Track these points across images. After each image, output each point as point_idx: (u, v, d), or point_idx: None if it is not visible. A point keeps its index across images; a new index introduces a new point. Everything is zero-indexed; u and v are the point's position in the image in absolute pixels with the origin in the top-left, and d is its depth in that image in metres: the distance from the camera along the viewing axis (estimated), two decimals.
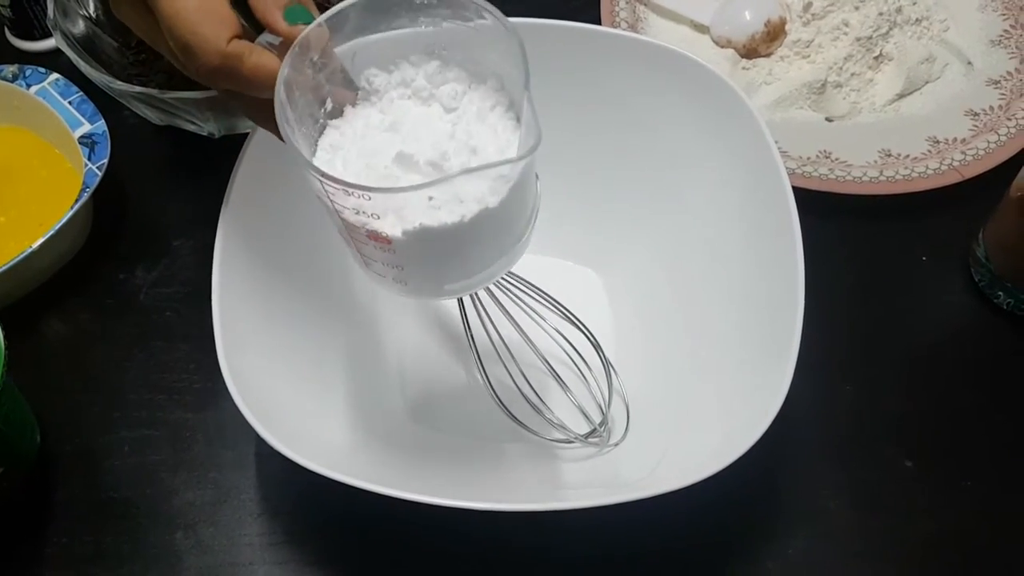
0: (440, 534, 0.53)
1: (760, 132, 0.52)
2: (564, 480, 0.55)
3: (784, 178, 0.51)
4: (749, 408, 0.47)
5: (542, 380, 0.56)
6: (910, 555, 0.53)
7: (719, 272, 0.56)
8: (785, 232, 0.50)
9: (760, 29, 0.72)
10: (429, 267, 0.44)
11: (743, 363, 0.52)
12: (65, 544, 0.54)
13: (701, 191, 0.57)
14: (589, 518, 0.44)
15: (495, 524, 0.50)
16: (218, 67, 0.41)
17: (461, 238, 0.41)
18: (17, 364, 0.51)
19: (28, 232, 0.60)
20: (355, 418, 0.55)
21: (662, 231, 0.59)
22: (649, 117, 0.57)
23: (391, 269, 0.44)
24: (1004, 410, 0.59)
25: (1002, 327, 0.62)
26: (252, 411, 0.46)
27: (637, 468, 0.51)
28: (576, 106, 0.57)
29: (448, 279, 0.45)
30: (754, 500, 0.55)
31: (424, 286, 0.46)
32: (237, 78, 0.42)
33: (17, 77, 0.66)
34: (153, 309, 0.63)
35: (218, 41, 0.41)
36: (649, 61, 0.55)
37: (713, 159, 0.56)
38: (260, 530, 0.54)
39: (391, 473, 0.51)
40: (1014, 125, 0.67)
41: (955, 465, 0.56)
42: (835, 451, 0.57)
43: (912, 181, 0.65)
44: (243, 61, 0.41)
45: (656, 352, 0.58)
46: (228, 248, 0.50)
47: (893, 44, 0.72)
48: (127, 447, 0.57)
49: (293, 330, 0.54)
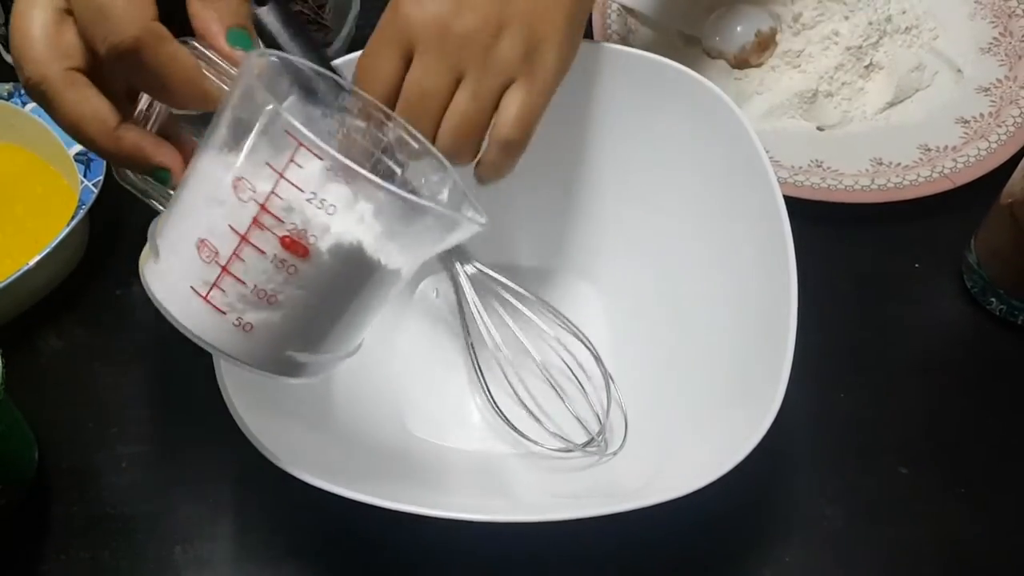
0: (439, 545, 0.53)
1: (751, 143, 0.52)
2: (562, 490, 0.55)
3: (776, 188, 0.51)
4: (745, 417, 0.47)
5: (541, 389, 0.56)
6: (905, 562, 0.54)
7: (713, 282, 0.56)
8: (777, 242, 0.50)
9: (751, 40, 0.73)
10: (308, 310, 0.38)
11: (738, 372, 0.52)
12: (63, 560, 0.54)
13: (693, 201, 0.57)
14: (586, 528, 0.44)
15: (493, 535, 0.50)
16: (134, 42, 0.36)
17: (371, 280, 0.38)
18: (14, 381, 0.51)
19: (25, 250, 0.61)
20: (353, 429, 0.55)
21: (655, 241, 0.60)
22: (641, 128, 0.58)
23: (253, 303, 0.37)
24: (998, 416, 0.59)
25: (995, 333, 0.62)
26: (252, 425, 0.46)
27: (633, 478, 0.51)
28: (568, 117, 0.57)
29: (305, 339, 0.38)
30: (750, 508, 0.55)
31: (273, 342, 0.38)
32: (149, 64, 0.37)
33: (12, 95, 0.66)
34: (149, 325, 0.63)
35: (142, 11, 0.37)
36: (641, 73, 0.56)
37: (705, 170, 0.56)
38: (258, 545, 0.54)
39: (389, 485, 0.51)
40: (1004, 132, 0.68)
41: (949, 471, 0.57)
42: (830, 459, 0.57)
43: (903, 189, 0.65)
44: (163, 45, 0.37)
45: (651, 361, 0.58)
46: None
47: (883, 53, 0.72)
48: (125, 463, 0.57)
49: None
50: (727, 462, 0.44)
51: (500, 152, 0.48)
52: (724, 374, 0.53)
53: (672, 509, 0.43)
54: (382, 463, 0.54)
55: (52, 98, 0.38)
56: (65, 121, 0.39)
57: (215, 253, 0.36)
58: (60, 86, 0.38)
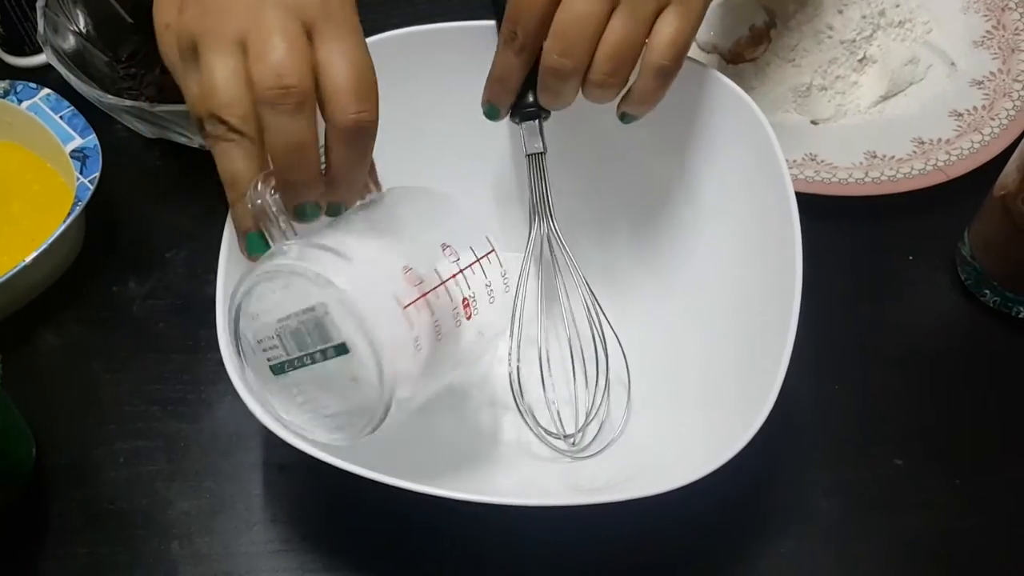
0: (437, 535, 0.53)
1: (766, 136, 0.53)
2: (563, 479, 0.55)
3: (787, 181, 0.51)
4: (741, 409, 0.48)
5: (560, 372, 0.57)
6: (901, 554, 0.54)
7: (716, 275, 0.56)
8: (786, 235, 0.50)
9: (744, 34, 0.73)
10: (434, 364, 0.44)
11: (736, 364, 0.52)
12: (61, 556, 0.54)
13: (702, 191, 0.58)
14: (583, 517, 0.44)
15: (494, 521, 0.51)
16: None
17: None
18: (12, 378, 0.51)
19: (21, 247, 0.61)
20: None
21: (665, 233, 0.60)
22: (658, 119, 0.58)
23: (427, 333, 0.43)
24: (993, 408, 0.59)
25: (989, 325, 0.62)
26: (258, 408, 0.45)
27: (629, 469, 0.52)
28: (584, 111, 0.58)
29: (415, 386, 0.44)
30: (746, 500, 0.55)
31: (410, 375, 0.43)
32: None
33: (8, 93, 0.66)
34: (146, 321, 0.63)
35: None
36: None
37: (718, 163, 0.56)
38: (256, 539, 0.54)
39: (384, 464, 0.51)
40: (998, 125, 0.68)
41: (945, 463, 0.57)
42: (825, 451, 0.57)
43: (897, 182, 0.65)
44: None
45: (649, 352, 0.58)
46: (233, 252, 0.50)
47: (877, 47, 0.73)
48: (122, 459, 0.57)
49: None
50: (723, 454, 0.44)
51: (653, 79, 0.49)
52: (722, 366, 0.53)
53: (668, 501, 0.43)
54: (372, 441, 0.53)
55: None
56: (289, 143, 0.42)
57: (419, 282, 0.42)
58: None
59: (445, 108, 0.59)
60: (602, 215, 0.62)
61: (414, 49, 0.58)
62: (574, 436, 0.55)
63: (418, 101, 0.59)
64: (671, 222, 0.60)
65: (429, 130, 0.60)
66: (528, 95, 0.54)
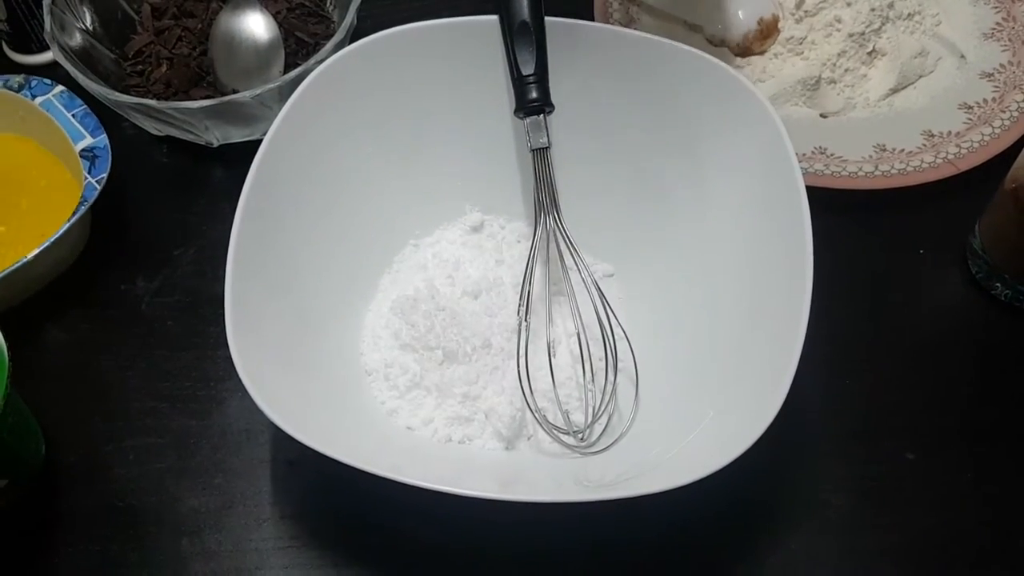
0: (446, 533, 0.53)
1: (776, 130, 0.52)
2: (570, 475, 0.55)
3: (798, 176, 0.51)
4: (751, 404, 0.47)
5: (568, 367, 0.56)
6: (911, 548, 0.54)
7: (727, 270, 0.56)
8: (796, 229, 0.50)
9: (753, 27, 0.73)
10: None
11: (747, 359, 0.52)
12: (71, 553, 0.54)
13: (710, 189, 0.57)
14: (591, 513, 0.44)
15: (505, 517, 0.51)
16: None
17: None
18: (21, 376, 0.52)
19: (27, 241, 0.61)
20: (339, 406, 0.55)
21: (675, 226, 0.60)
22: (668, 113, 0.58)
23: None
24: (1004, 401, 0.59)
25: (1000, 318, 0.62)
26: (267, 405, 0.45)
27: (639, 464, 0.51)
28: (596, 103, 0.58)
29: None
30: (756, 495, 0.55)
31: None
32: None
33: (23, 87, 0.66)
34: (154, 318, 0.63)
35: None
36: (670, 64, 0.56)
37: (727, 157, 0.56)
38: (266, 535, 0.54)
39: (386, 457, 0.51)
40: (1008, 117, 0.68)
41: (956, 457, 0.57)
42: (836, 445, 0.57)
43: (907, 175, 0.65)
44: None
45: (660, 347, 0.58)
46: (241, 250, 0.50)
47: (886, 39, 0.72)
48: (131, 456, 0.57)
49: (305, 331, 0.55)
50: (734, 449, 0.44)
51: None
52: (732, 360, 0.53)
53: (679, 496, 0.43)
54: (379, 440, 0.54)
55: None
56: None
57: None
58: None
59: (453, 102, 0.59)
60: (609, 210, 0.61)
61: (422, 44, 0.58)
62: (583, 431, 0.55)
63: (426, 95, 0.59)
64: (679, 217, 0.59)
65: (436, 124, 0.60)
66: (532, 91, 0.53)
